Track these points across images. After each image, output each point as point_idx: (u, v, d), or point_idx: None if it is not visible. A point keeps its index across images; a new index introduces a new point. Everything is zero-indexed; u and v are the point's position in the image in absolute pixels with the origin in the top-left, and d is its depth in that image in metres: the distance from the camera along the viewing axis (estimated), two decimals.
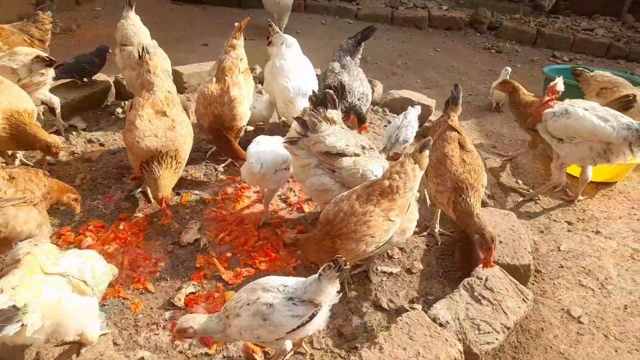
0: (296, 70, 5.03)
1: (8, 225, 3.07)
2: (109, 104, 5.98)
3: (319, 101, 3.70)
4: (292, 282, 2.77)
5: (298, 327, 2.64)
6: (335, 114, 3.73)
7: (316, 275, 2.66)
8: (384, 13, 11.59)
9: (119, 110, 5.79)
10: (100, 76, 6.06)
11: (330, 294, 2.67)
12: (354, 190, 3.34)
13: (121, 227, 3.97)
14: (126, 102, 5.97)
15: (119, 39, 5.41)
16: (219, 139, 4.56)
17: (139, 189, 4.40)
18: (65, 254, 2.62)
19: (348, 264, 2.63)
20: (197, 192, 4.53)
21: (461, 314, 3.18)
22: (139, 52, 4.35)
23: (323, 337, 3.26)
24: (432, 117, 6.10)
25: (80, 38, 8.63)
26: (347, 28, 10.81)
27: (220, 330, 2.69)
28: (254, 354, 3.10)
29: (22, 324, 2.13)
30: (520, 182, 5.33)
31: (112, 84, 6.05)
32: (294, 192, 4.65)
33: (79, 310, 2.48)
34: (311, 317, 2.65)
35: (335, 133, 3.64)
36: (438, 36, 11.17)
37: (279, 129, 5.74)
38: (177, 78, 6.28)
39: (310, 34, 10.25)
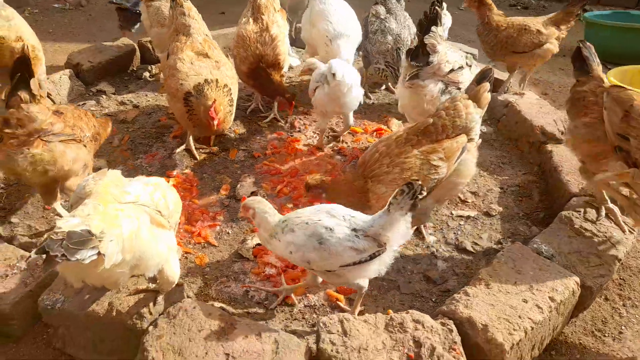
0: (337, 13, 4.66)
1: (56, 163, 2.80)
2: (134, 68, 5.65)
3: (429, 22, 3.43)
4: (361, 215, 2.47)
5: (355, 264, 2.33)
6: (441, 30, 3.50)
7: (386, 207, 2.34)
8: None
9: (147, 74, 5.46)
10: (123, 40, 5.73)
11: (399, 230, 2.34)
12: (396, 132, 3.04)
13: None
14: (152, 65, 5.63)
15: None
16: (261, 79, 4.22)
17: (183, 146, 4.09)
18: (132, 182, 2.30)
19: (424, 191, 2.29)
20: (243, 147, 4.21)
21: (564, 247, 2.86)
22: None
23: (410, 282, 2.96)
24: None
25: (90, 12, 8.29)
26: None
27: (273, 233, 2.43)
28: (338, 302, 2.80)
29: (99, 252, 1.80)
30: None
31: (137, 47, 5.71)
32: (346, 143, 4.32)
33: (158, 243, 2.16)
34: (372, 257, 2.33)
35: (449, 48, 3.50)
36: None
37: None
38: None
39: None
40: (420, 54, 3.38)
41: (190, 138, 4.05)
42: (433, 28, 3.40)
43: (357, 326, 2.28)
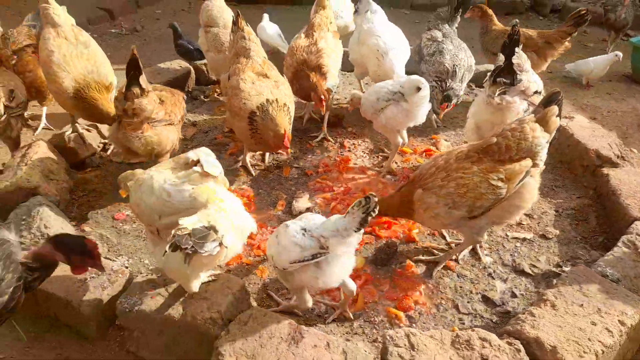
0: (385, 31, 4.78)
1: (161, 143, 3.58)
2: (189, 89, 5.91)
3: (512, 43, 3.54)
4: (321, 219, 2.60)
5: (300, 262, 2.41)
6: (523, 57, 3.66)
7: (343, 215, 2.47)
8: (442, 1, 11.29)
9: (201, 95, 5.71)
10: (180, 62, 6.02)
11: (343, 238, 2.41)
12: (458, 148, 3.06)
13: None
14: (206, 87, 5.89)
15: (203, 21, 5.34)
16: (301, 80, 4.34)
17: (239, 164, 4.26)
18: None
19: (377, 207, 2.36)
20: (296, 165, 4.34)
21: (630, 271, 2.82)
22: (234, 17, 4.21)
23: (469, 302, 2.97)
24: None
25: (145, 37, 8.74)
26: (405, 17, 10.57)
27: None
28: (396, 320, 2.83)
29: (221, 244, 2.22)
30: None
31: (192, 69, 6.00)
32: (396, 163, 4.40)
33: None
34: (314, 257, 2.41)
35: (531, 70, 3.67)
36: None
37: None
38: None
39: None
40: (508, 73, 3.50)
41: (247, 156, 4.22)
42: (516, 49, 3.51)
43: (425, 341, 2.31)
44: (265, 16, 6.37)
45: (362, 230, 2.42)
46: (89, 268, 2.44)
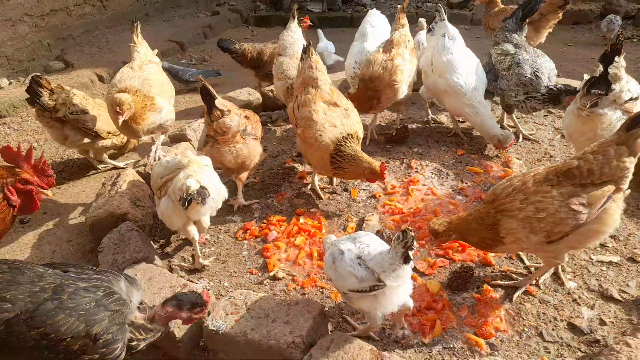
0: (466, 65, 4.72)
1: (250, 154, 4.03)
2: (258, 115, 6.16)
3: (613, 52, 3.47)
4: (378, 246, 2.55)
5: (358, 292, 2.45)
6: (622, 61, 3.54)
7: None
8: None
9: (269, 122, 5.93)
10: (249, 90, 6.30)
11: (393, 272, 2.37)
12: (535, 169, 2.92)
13: (301, 220, 3.92)
14: (273, 112, 6.12)
15: (278, 49, 5.57)
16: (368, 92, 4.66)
17: (308, 187, 4.37)
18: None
19: (414, 241, 2.30)
20: (363, 187, 4.38)
21: None
22: (304, 46, 4.29)
23: (553, 329, 2.84)
24: None
25: (213, 66, 9.21)
26: (465, 33, 10.41)
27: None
28: (477, 347, 2.76)
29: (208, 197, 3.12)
30: None
31: (260, 96, 6.26)
32: (467, 183, 4.32)
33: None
34: (371, 289, 2.43)
35: (629, 78, 3.60)
36: (566, 31, 10.33)
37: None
38: None
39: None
40: (602, 83, 3.47)
41: (316, 178, 4.32)
42: (616, 58, 3.43)
43: None
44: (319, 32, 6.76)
45: (411, 263, 2.39)
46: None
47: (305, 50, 4.21)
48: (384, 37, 5.12)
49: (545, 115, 5.56)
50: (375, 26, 5.39)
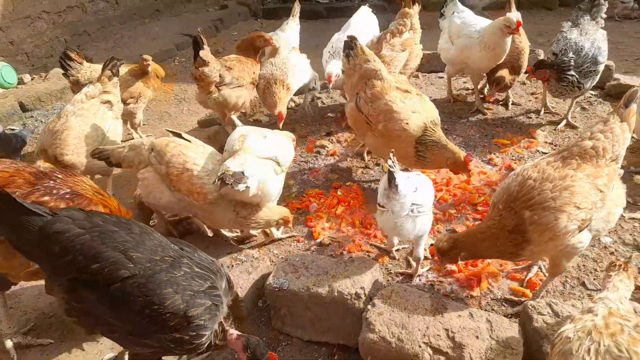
0: (477, 20, 4.93)
1: (226, 101, 4.59)
2: None
3: None
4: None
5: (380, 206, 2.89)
6: None
7: None
8: None
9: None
10: None
11: (385, 190, 2.82)
12: (542, 159, 2.76)
13: (339, 193, 4.07)
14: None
15: None
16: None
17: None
18: (265, 141, 3.38)
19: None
20: None
21: None
22: (347, 42, 3.91)
23: (595, 279, 3.00)
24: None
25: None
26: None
27: None
28: (523, 297, 2.92)
29: (247, 186, 2.94)
30: None
31: None
32: (495, 154, 4.46)
33: (275, 186, 3.28)
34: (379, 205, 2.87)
35: None
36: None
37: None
38: None
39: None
40: None
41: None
42: None
43: (567, 309, 2.39)
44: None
45: (401, 190, 2.73)
46: None
47: (351, 46, 3.87)
48: (368, 31, 5.29)
49: None
50: (362, 20, 5.53)
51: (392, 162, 2.72)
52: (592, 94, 5.30)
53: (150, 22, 10.65)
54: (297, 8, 5.68)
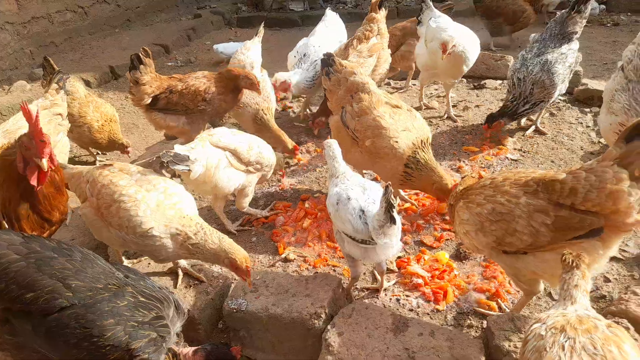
0: (454, 26, 4.78)
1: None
2: None
3: None
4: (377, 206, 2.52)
5: (351, 238, 2.61)
6: None
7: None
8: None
9: None
10: None
11: (381, 227, 2.45)
12: (531, 170, 2.53)
13: (307, 205, 3.98)
14: None
15: None
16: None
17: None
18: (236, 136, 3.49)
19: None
20: (368, 172, 4.46)
21: None
22: (325, 58, 3.78)
23: None
24: None
25: (200, 67, 9.22)
26: None
27: (332, 178, 2.98)
28: (490, 310, 2.86)
29: (189, 169, 3.08)
30: None
31: None
32: (464, 161, 4.43)
33: (228, 177, 3.37)
34: (362, 242, 2.58)
35: None
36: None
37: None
38: None
39: None
40: None
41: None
42: None
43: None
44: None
45: (398, 222, 2.49)
46: None
47: (329, 63, 3.71)
48: (335, 36, 5.39)
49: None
50: (328, 26, 5.56)
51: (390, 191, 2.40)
52: (560, 99, 5.32)
53: (120, 32, 10.44)
54: (262, 30, 5.40)
